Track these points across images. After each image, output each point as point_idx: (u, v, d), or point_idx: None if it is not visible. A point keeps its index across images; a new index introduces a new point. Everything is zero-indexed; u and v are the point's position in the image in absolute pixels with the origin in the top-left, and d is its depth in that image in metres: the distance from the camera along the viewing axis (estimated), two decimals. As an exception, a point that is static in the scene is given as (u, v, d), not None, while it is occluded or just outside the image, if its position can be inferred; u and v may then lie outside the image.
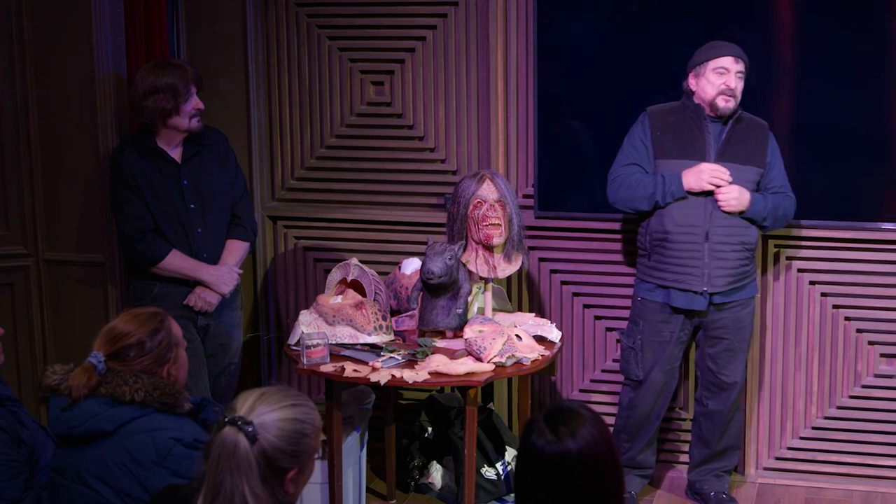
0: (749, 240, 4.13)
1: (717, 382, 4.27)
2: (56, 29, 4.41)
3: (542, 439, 2.17)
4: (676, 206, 4.09)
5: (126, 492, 2.73)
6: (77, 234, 4.52)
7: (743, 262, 4.13)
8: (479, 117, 4.66)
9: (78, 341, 4.47)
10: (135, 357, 2.84)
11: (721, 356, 4.24)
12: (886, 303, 4.41)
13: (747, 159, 4.12)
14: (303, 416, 2.26)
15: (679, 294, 4.13)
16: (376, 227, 4.83)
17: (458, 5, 4.61)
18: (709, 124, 4.12)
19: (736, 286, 4.14)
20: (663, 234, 4.12)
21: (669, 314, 4.18)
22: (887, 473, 4.50)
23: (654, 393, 4.26)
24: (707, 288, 4.09)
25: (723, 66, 4.06)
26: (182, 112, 4.10)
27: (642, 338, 4.23)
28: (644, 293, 4.23)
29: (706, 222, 4.08)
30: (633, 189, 4.14)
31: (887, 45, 4.24)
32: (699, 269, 4.09)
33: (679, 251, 4.10)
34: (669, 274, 4.13)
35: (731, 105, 4.08)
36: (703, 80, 4.09)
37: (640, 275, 4.26)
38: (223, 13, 4.80)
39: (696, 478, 4.40)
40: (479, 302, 4.22)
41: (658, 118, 4.17)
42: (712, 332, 4.21)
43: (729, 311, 4.17)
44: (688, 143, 4.12)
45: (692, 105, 4.14)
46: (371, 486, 4.56)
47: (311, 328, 4.01)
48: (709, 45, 4.12)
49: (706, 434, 4.34)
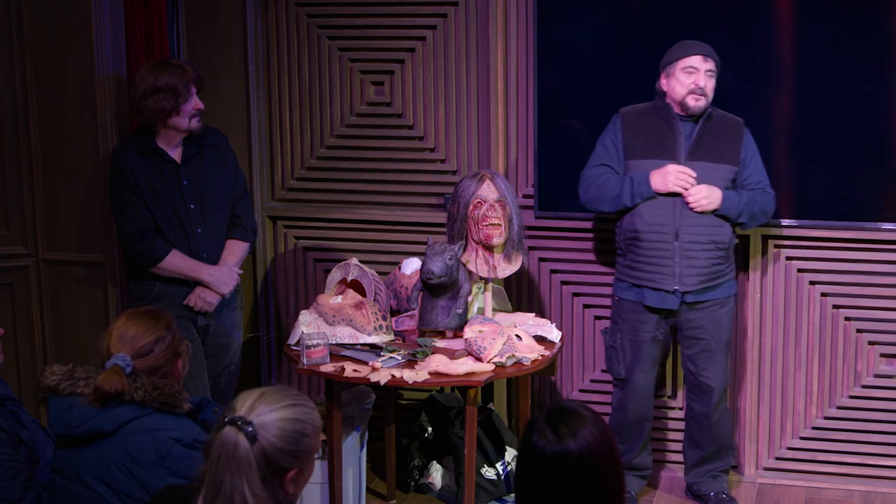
0: (721, 239, 4.12)
1: (698, 384, 4.26)
2: (56, 29, 4.41)
3: (543, 439, 2.17)
4: (646, 206, 4.10)
5: (126, 492, 2.73)
6: (77, 234, 4.52)
7: (715, 262, 4.13)
8: (479, 117, 4.66)
9: (78, 341, 4.47)
10: (158, 352, 2.87)
11: (699, 357, 4.23)
12: (886, 303, 4.41)
13: (720, 157, 4.12)
14: (303, 416, 2.26)
15: (652, 293, 4.14)
16: (376, 227, 4.83)
17: (458, 5, 4.62)
18: (679, 123, 4.12)
19: (708, 285, 4.13)
20: (635, 234, 4.13)
21: (644, 313, 4.19)
22: (887, 473, 4.50)
23: (638, 393, 4.27)
24: (678, 287, 4.10)
25: (692, 65, 4.06)
26: (182, 112, 4.10)
27: (622, 337, 4.25)
28: (620, 292, 4.24)
29: (676, 221, 4.08)
30: (601, 190, 4.16)
31: (887, 45, 4.24)
32: (670, 269, 4.09)
33: (650, 250, 4.11)
34: (642, 273, 4.14)
35: (701, 104, 4.08)
36: (673, 80, 4.10)
37: (617, 274, 4.28)
38: (223, 13, 4.80)
39: (693, 479, 4.40)
40: (479, 302, 4.22)
41: (630, 119, 4.19)
42: (688, 331, 4.21)
43: (703, 310, 4.17)
44: (658, 143, 4.13)
45: (663, 105, 4.14)
46: (371, 486, 4.56)
47: (311, 328, 4.01)
48: (678, 45, 4.12)
49: (696, 436, 4.34)
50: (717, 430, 4.31)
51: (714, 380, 4.24)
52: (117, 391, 2.78)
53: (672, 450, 4.69)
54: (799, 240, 4.45)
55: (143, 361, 2.85)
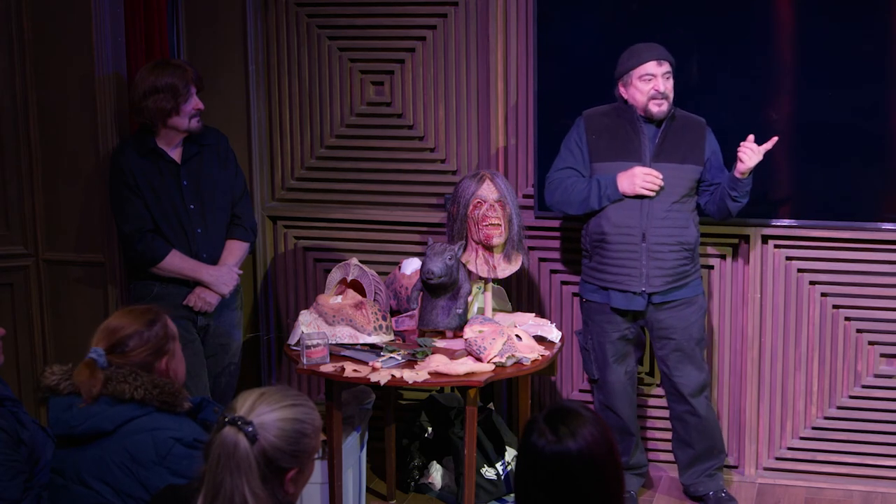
0: (687, 239, 4.13)
1: (672, 385, 4.26)
2: (56, 29, 4.41)
3: (543, 439, 2.17)
4: (612, 208, 4.10)
5: (126, 492, 2.73)
6: (77, 234, 4.52)
7: (681, 262, 4.13)
8: (479, 117, 4.66)
9: (78, 341, 4.46)
10: (133, 348, 2.83)
11: (670, 357, 4.23)
12: (886, 303, 4.41)
13: (684, 158, 4.13)
14: (303, 416, 2.26)
15: (618, 295, 4.14)
16: (376, 227, 4.83)
17: (458, 5, 4.62)
18: (643, 125, 4.12)
19: (674, 286, 4.14)
20: (601, 236, 4.14)
21: (611, 314, 4.20)
22: (887, 473, 4.50)
23: (617, 394, 4.27)
24: (645, 288, 4.10)
25: (647, 72, 4.06)
26: (182, 112, 4.10)
27: (592, 338, 4.25)
28: (587, 294, 4.25)
29: (642, 223, 4.08)
30: (567, 193, 4.16)
31: (887, 45, 4.24)
32: (637, 270, 4.10)
33: (617, 252, 4.12)
34: (609, 275, 4.15)
35: (664, 108, 4.09)
36: (631, 89, 4.10)
37: (583, 276, 4.29)
38: (223, 13, 4.80)
39: (689, 481, 4.39)
40: (479, 302, 4.22)
41: (593, 121, 4.19)
42: (658, 332, 4.22)
43: (671, 310, 4.17)
44: (622, 145, 4.13)
45: (626, 107, 4.14)
46: (371, 486, 4.56)
47: (311, 328, 4.01)
48: (630, 52, 4.11)
49: (684, 435, 4.34)
50: (703, 426, 4.30)
51: (686, 379, 4.23)
52: (91, 385, 2.76)
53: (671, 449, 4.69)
54: (799, 240, 4.45)
55: (118, 357, 2.82)
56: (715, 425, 4.36)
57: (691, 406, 4.25)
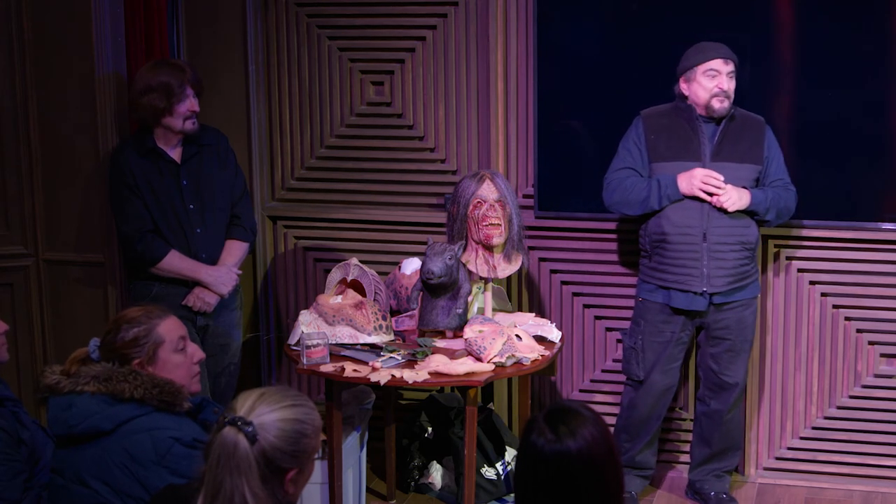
0: (748, 239, 4.13)
1: (718, 383, 4.27)
2: (56, 29, 4.41)
3: (542, 439, 2.17)
4: (673, 208, 4.10)
5: (126, 491, 2.73)
6: (77, 234, 4.52)
7: (742, 262, 4.13)
8: (479, 117, 4.66)
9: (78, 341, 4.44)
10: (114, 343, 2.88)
11: (723, 356, 4.24)
12: (886, 303, 4.41)
13: (743, 157, 4.13)
14: (303, 416, 2.26)
15: (679, 295, 4.13)
16: (376, 227, 4.83)
17: (458, 5, 4.61)
18: (702, 125, 4.12)
19: (736, 286, 4.14)
20: (661, 236, 4.12)
21: (670, 315, 4.18)
22: (887, 473, 4.50)
23: (654, 394, 4.27)
24: (707, 288, 4.10)
25: (713, 68, 4.06)
26: (175, 112, 4.09)
27: (643, 338, 4.23)
28: (645, 294, 4.23)
29: (703, 223, 4.08)
30: (627, 193, 4.15)
31: (887, 45, 4.24)
32: (698, 270, 4.09)
33: (678, 252, 4.10)
34: (669, 275, 4.13)
35: (725, 105, 4.08)
36: (695, 85, 4.09)
37: (641, 276, 4.27)
38: (223, 13, 4.80)
39: (696, 477, 4.41)
40: (479, 302, 4.22)
41: (651, 121, 4.18)
42: (714, 332, 4.21)
43: (730, 311, 4.17)
44: (682, 144, 4.12)
45: (685, 106, 4.14)
46: (371, 486, 4.56)
47: (311, 328, 4.01)
48: (696, 49, 4.11)
49: (707, 433, 4.34)
50: (728, 427, 4.32)
51: (736, 378, 4.26)
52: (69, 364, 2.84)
53: (672, 450, 4.70)
54: (799, 240, 4.45)
55: (103, 350, 2.88)
56: (738, 429, 4.37)
57: (728, 406, 4.26)
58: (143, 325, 2.90)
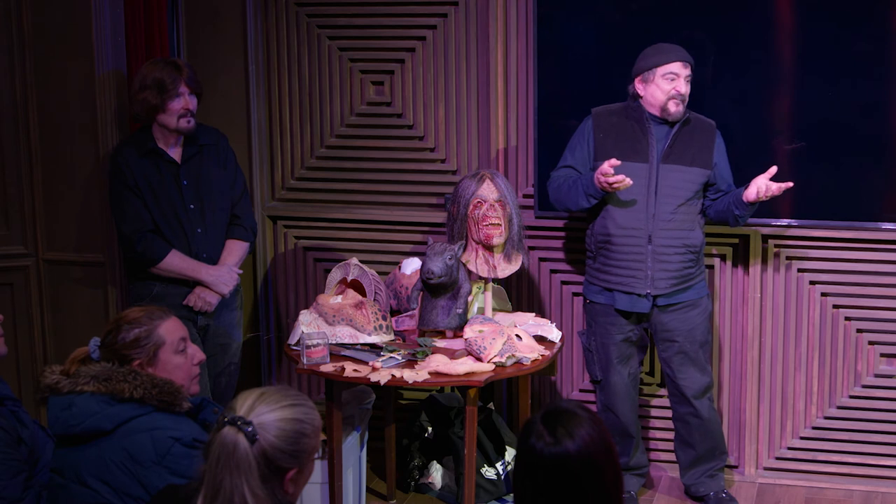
0: (692, 242, 4.13)
1: (676, 387, 4.26)
2: (56, 29, 4.41)
3: (541, 441, 2.16)
4: (618, 210, 4.09)
5: (125, 491, 2.73)
6: (77, 234, 4.52)
7: (687, 265, 4.13)
8: (479, 117, 4.66)
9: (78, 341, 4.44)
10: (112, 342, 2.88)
11: (674, 360, 4.23)
12: (886, 303, 4.41)
13: (693, 161, 4.11)
14: (302, 415, 2.26)
15: (622, 296, 4.14)
16: (376, 227, 4.83)
17: (458, 5, 4.61)
18: (653, 126, 4.10)
19: (679, 288, 4.13)
20: (606, 237, 4.12)
21: (616, 316, 4.19)
22: (887, 473, 4.50)
23: (619, 393, 4.26)
24: (650, 290, 4.10)
25: (672, 71, 4.04)
26: (168, 110, 4.09)
27: (595, 339, 4.25)
28: (592, 296, 4.24)
29: (648, 225, 4.07)
30: (560, 192, 4.15)
31: (887, 45, 4.24)
32: (642, 272, 4.09)
33: (622, 254, 4.11)
34: (613, 276, 4.14)
35: (681, 109, 4.07)
36: (652, 86, 4.07)
37: (587, 277, 4.28)
38: (223, 13, 4.80)
39: (690, 481, 4.39)
40: (479, 302, 4.22)
41: (601, 119, 4.17)
42: (661, 334, 4.22)
43: (675, 312, 4.17)
44: (630, 145, 4.11)
45: (636, 106, 4.12)
46: (371, 486, 4.56)
47: (311, 328, 4.01)
48: (655, 49, 4.09)
49: (686, 436, 4.34)
50: (706, 427, 4.30)
51: (689, 381, 4.23)
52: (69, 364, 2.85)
53: (671, 449, 4.69)
54: (799, 240, 4.45)
55: (103, 350, 2.89)
56: (717, 427, 4.36)
57: (694, 408, 4.25)
58: (145, 325, 2.90)
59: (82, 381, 2.82)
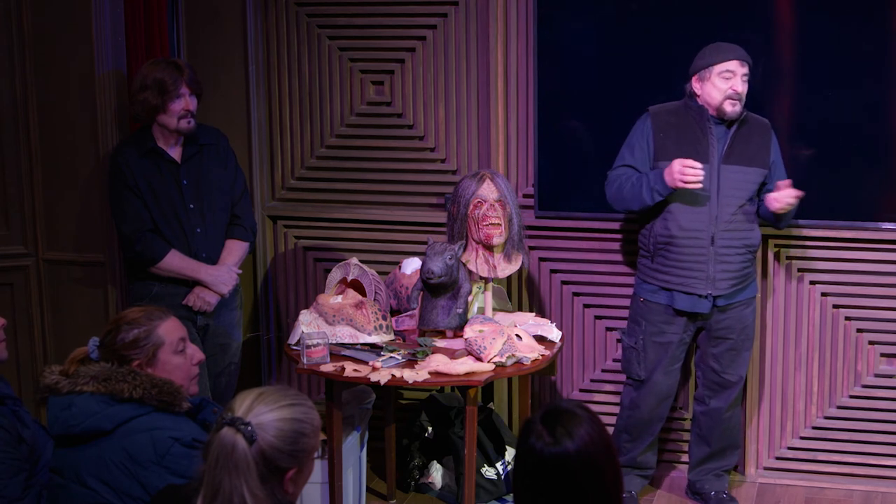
0: (752, 242, 4.14)
1: (720, 381, 4.27)
2: (56, 29, 4.41)
3: (540, 441, 2.15)
4: (681, 211, 4.07)
5: (125, 491, 2.73)
6: (77, 234, 4.52)
7: (746, 265, 4.14)
8: (479, 117, 4.66)
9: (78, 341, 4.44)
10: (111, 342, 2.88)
11: (725, 356, 4.24)
12: (886, 303, 4.41)
13: (751, 161, 4.11)
14: (301, 415, 2.26)
15: (683, 297, 4.12)
16: (376, 227, 4.83)
17: (458, 5, 4.61)
18: (713, 126, 4.08)
19: (738, 287, 4.14)
20: (668, 238, 4.10)
21: (672, 316, 4.18)
22: (887, 473, 4.50)
23: (657, 394, 4.26)
24: (711, 291, 4.09)
25: (729, 69, 4.03)
26: (169, 111, 4.09)
27: (644, 338, 4.22)
28: (647, 294, 4.22)
29: (711, 227, 4.06)
30: (621, 191, 4.13)
31: (887, 45, 4.24)
32: (704, 273, 4.08)
33: (684, 255, 4.09)
34: (674, 277, 4.12)
35: (737, 109, 4.05)
36: (708, 85, 4.05)
37: (641, 275, 4.25)
38: (223, 13, 4.80)
39: (696, 477, 4.40)
40: (479, 302, 4.22)
41: (660, 119, 4.14)
42: (716, 332, 4.21)
43: (732, 311, 4.17)
44: (691, 144, 4.09)
45: (695, 106, 4.10)
46: (371, 486, 4.56)
47: (311, 328, 4.01)
48: (714, 48, 4.07)
49: (706, 432, 4.34)
50: (728, 425, 4.32)
51: (736, 376, 4.27)
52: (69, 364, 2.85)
53: (673, 449, 4.70)
54: (799, 240, 4.45)
55: (103, 350, 2.89)
56: (737, 427, 4.38)
57: (728, 403, 4.27)
58: (144, 326, 2.90)
59: (82, 382, 2.82)
